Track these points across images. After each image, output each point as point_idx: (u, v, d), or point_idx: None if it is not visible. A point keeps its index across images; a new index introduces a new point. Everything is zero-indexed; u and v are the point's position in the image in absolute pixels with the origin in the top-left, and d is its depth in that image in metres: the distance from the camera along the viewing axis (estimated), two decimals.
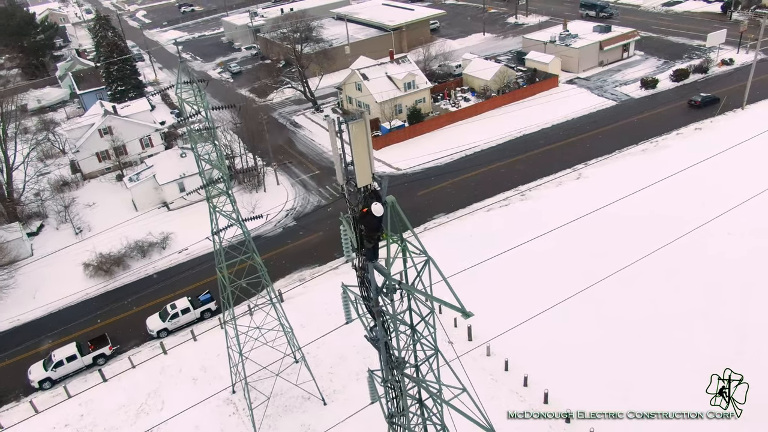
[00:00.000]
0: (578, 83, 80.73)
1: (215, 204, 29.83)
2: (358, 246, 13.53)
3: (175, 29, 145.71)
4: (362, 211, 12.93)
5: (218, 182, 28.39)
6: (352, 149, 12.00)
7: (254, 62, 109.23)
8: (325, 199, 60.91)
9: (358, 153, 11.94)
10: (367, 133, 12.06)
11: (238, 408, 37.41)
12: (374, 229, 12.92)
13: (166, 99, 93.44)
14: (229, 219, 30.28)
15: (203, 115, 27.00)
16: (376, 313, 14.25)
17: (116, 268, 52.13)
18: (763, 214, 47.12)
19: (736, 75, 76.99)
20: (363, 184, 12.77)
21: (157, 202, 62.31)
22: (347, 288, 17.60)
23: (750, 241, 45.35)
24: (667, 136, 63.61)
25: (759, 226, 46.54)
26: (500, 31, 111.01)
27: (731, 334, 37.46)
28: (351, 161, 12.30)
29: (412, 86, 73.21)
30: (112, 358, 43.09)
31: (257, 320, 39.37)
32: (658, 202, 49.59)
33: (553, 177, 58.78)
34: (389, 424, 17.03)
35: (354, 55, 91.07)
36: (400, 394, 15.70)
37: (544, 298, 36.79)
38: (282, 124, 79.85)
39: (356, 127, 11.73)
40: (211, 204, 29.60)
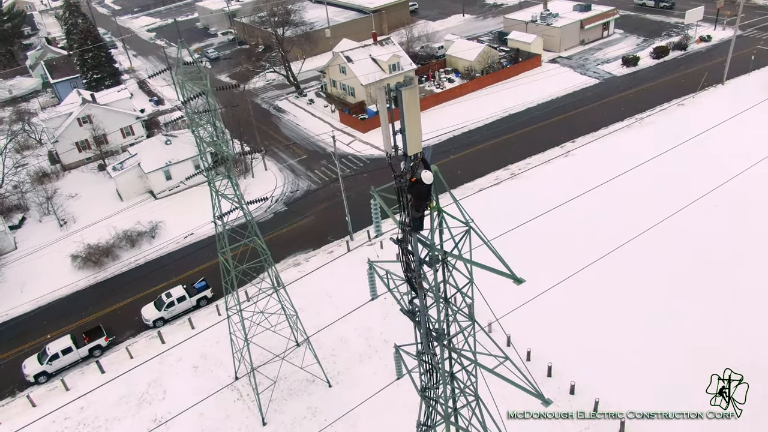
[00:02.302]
0: (561, 62, 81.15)
1: (217, 188, 29.32)
2: (406, 217, 13.37)
3: (147, 15, 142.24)
4: (411, 180, 12.77)
5: (224, 164, 27.86)
6: (404, 116, 11.81)
7: (232, 48, 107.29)
8: (314, 183, 60.45)
9: (409, 120, 11.77)
10: (417, 100, 11.88)
11: (242, 394, 37.20)
12: (424, 198, 12.80)
13: (144, 87, 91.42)
14: (231, 202, 29.82)
15: (207, 97, 26.38)
16: (418, 285, 14.18)
17: (105, 258, 51.15)
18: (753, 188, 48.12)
19: (714, 51, 78.18)
20: (413, 152, 12.60)
21: (142, 191, 61.17)
22: (373, 264, 17.48)
23: (739, 215, 46.37)
24: (651, 113, 64.45)
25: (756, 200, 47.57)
26: (479, 11, 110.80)
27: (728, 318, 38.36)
28: (399, 129, 12.10)
29: (396, 68, 72.77)
30: (108, 350, 42.41)
31: (255, 304, 39.03)
32: (649, 180, 50.26)
33: (541, 155, 59.19)
34: (422, 398, 17.07)
35: (335, 38, 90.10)
36: (435, 367, 15.72)
37: (543, 279, 36.94)
38: (265, 109, 78.80)
39: (409, 93, 11.55)
40: (213, 188, 29.08)
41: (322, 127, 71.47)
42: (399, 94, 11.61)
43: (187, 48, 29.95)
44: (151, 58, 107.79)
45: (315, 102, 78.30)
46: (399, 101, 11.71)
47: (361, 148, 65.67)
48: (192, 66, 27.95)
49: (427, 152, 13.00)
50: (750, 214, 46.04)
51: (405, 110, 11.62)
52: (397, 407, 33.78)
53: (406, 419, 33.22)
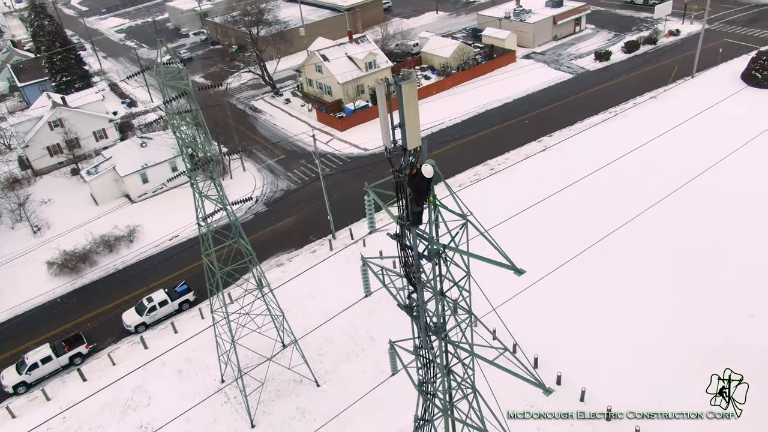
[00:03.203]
0: (535, 58, 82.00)
1: (201, 189, 28.93)
2: (404, 211, 13.35)
3: (116, 16, 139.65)
4: (411, 174, 12.75)
5: (208, 164, 27.48)
6: (403, 110, 11.78)
7: (204, 48, 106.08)
8: (294, 183, 60.08)
9: (408, 114, 11.75)
10: (415, 94, 11.87)
11: (230, 396, 36.83)
12: (423, 192, 12.80)
13: (116, 89, 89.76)
14: (215, 204, 29.46)
15: (189, 97, 25.99)
16: (417, 279, 14.18)
17: (83, 265, 50.11)
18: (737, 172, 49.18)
19: (683, 45, 79.83)
20: (413, 146, 12.58)
21: (118, 195, 60.06)
22: (366, 260, 17.44)
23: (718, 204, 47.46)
24: (624, 106, 65.52)
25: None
26: (453, 8, 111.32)
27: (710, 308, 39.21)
28: (398, 124, 12.06)
29: (373, 66, 72.69)
30: (89, 357, 41.60)
31: (241, 305, 38.63)
32: (627, 172, 51.05)
33: (519, 150, 59.75)
34: (420, 392, 17.10)
35: (309, 36, 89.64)
36: (433, 361, 15.76)
37: (527, 274, 37.12)
38: (241, 109, 78.01)
39: (408, 88, 11.53)
40: (197, 189, 28.69)
41: (299, 126, 71.07)
42: (398, 89, 11.60)
43: (167, 47, 29.41)
44: (121, 60, 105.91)
45: (291, 101, 77.80)
46: (398, 95, 11.69)
47: (340, 147, 65.48)
48: (172, 66, 27.44)
49: (423, 145, 12.99)
50: (725, 204, 47.13)
51: (404, 104, 11.61)
52: (385, 404, 33.84)
53: (395, 415, 33.35)
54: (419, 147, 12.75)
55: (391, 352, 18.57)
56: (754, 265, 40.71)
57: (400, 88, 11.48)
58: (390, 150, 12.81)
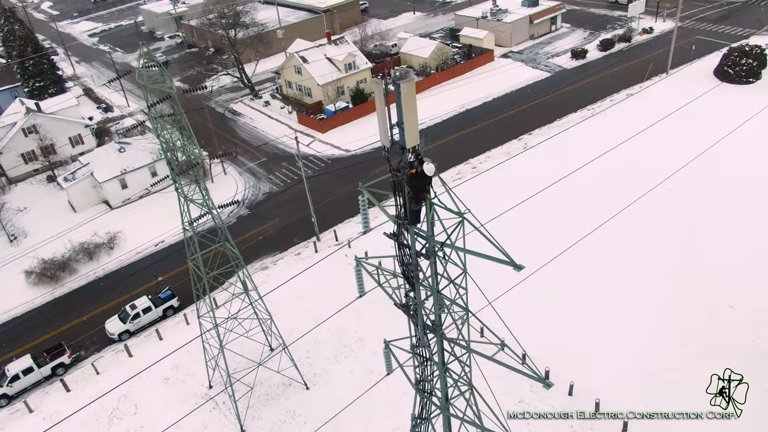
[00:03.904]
0: (512, 57, 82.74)
1: (186, 193, 28.60)
2: (403, 210, 13.35)
3: (88, 20, 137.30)
4: (412, 173, 12.77)
5: (193, 168, 27.19)
6: (402, 109, 11.79)
7: (180, 51, 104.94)
8: (276, 185, 59.74)
9: (407, 113, 11.76)
10: (414, 93, 11.89)
11: (218, 402, 36.44)
12: (423, 190, 12.82)
13: (90, 94, 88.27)
14: (201, 208, 29.15)
15: (173, 101, 25.69)
16: (415, 278, 14.20)
17: (62, 273, 49.20)
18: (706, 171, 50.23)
19: (656, 42, 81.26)
20: (412, 144, 12.60)
21: (97, 201, 59.09)
22: (360, 261, 17.42)
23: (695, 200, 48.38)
24: (602, 103, 66.47)
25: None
26: (430, 9, 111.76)
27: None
28: (396, 123, 12.07)
29: (352, 67, 72.65)
30: (72, 367, 40.84)
31: (228, 310, 38.31)
32: (608, 168, 51.66)
33: (500, 148, 60.24)
34: (417, 391, 17.12)
35: (287, 39, 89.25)
36: (431, 359, 15.79)
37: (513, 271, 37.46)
38: (220, 113, 77.30)
39: (407, 87, 11.54)
40: (182, 194, 28.36)
41: (279, 128, 70.70)
42: (397, 87, 11.62)
43: (148, 49, 29.06)
44: (95, 64, 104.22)
45: (271, 104, 77.34)
46: (396, 94, 11.70)
47: (321, 149, 65.29)
48: (154, 69, 27.10)
49: (420, 143, 13.01)
50: (703, 197, 48.07)
51: (403, 103, 11.63)
52: (376, 405, 33.82)
53: (386, 416, 33.38)
54: (418, 145, 12.78)
55: (386, 352, 18.57)
56: (733, 257, 41.58)
57: (398, 86, 11.51)
58: (387, 149, 12.81)
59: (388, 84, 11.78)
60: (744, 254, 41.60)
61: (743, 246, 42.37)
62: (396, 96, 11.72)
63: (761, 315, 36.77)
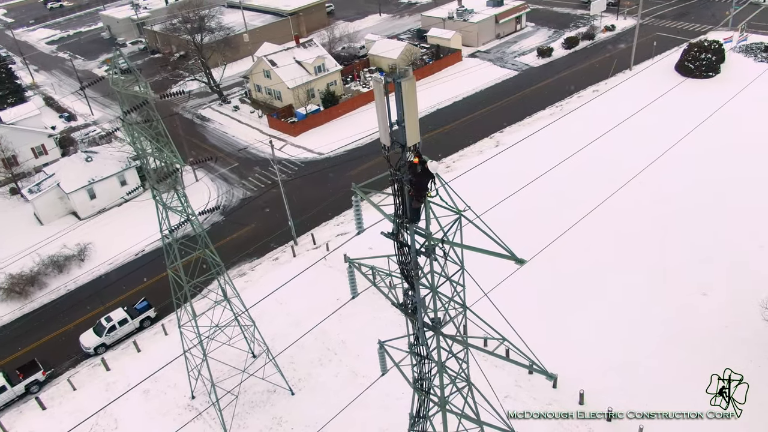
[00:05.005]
0: (480, 56, 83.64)
1: (164, 201, 28.07)
2: (403, 209, 13.35)
3: (45, 27, 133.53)
4: (415, 168, 12.74)
5: (171, 175, 26.69)
6: (403, 107, 11.79)
7: (144, 57, 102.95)
8: (250, 190, 59.09)
9: (408, 111, 11.77)
10: (414, 91, 11.91)
11: (202, 413, 35.80)
12: (426, 188, 12.86)
13: (52, 103, 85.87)
14: (180, 215, 28.64)
15: (149, 107, 25.18)
16: (415, 276, 14.22)
17: (31, 288, 47.72)
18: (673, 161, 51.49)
19: (619, 39, 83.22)
20: (413, 142, 12.61)
21: (64, 213, 57.50)
22: (352, 261, 17.37)
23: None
24: (570, 100, 67.72)
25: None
26: (395, 10, 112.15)
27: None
28: (396, 121, 12.05)
29: (322, 69, 72.40)
30: (47, 384, 39.62)
31: (210, 318, 37.70)
32: (578, 165, 52.37)
33: (473, 146, 60.83)
34: (415, 390, 17.14)
35: (254, 42, 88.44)
36: (430, 357, 15.83)
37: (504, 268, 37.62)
38: (188, 119, 76.10)
39: (408, 84, 11.55)
40: (160, 201, 27.82)
41: (250, 133, 69.97)
42: (397, 86, 11.62)
43: (121, 52, 28.46)
44: (55, 72, 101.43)
45: (240, 108, 76.49)
46: (396, 92, 11.70)
47: (294, 152, 64.84)
48: (130, 75, 26.54)
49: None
50: (673, 189, 49.39)
51: (404, 101, 11.64)
52: (362, 407, 33.55)
53: (374, 417, 33.32)
54: (418, 143, 12.81)
55: (381, 352, 18.54)
56: (704, 248, 42.82)
57: (399, 85, 11.52)
58: (387, 148, 12.81)
59: (389, 81, 11.75)
60: (713, 246, 42.90)
61: (713, 239, 43.70)
62: (396, 94, 11.73)
63: (733, 302, 37.98)
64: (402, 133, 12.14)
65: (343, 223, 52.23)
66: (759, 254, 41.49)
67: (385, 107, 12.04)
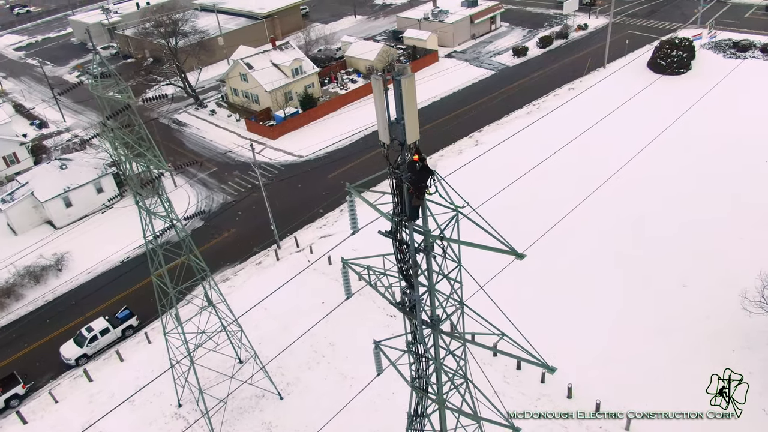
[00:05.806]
0: (456, 56, 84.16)
1: (148, 207, 27.63)
2: (402, 207, 13.32)
3: (12, 33, 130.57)
4: (418, 168, 12.73)
5: (154, 181, 26.27)
6: (403, 104, 11.77)
7: (116, 62, 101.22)
8: (230, 195, 58.50)
9: (408, 108, 11.76)
10: (414, 89, 11.90)
11: (189, 420, 35.31)
12: (426, 186, 12.86)
13: (22, 110, 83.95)
14: (164, 221, 28.21)
15: (131, 112, 24.75)
16: (414, 274, 14.21)
17: (7, 299, 46.53)
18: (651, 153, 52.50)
19: (592, 38, 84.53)
20: (412, 140, 12.60)
21: (39, 222, 56.23)
22: (347, 262, 17.30)
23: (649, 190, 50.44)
24: (546, 98, 68.52)
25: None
26: (370, 12, 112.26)
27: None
28: (396, 119, 12.02)
29: (299, 72, 72.08)
30: (27, 397, 38.64)
31: (196, 325, 37.21)
32: (558, 163, 53.03)
33: (453, 146, 61.13)
34: (413, 388, 17.12)
35: (229, 46, 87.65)
36: (429, 355, 15.83)
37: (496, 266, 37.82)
38: (164, 124, 75.06)
39: (407, 82, 11.54)
40: (144, 207, 27.37)
41: (228, 137, 69.33)
42: (397, 83, 11.61)
43: (101, 55, 27.93)
44: (24, 79, 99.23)
45: (217, 112, 75.73)
46: (395, 90, 11.68)
47: (273, 155, 64.43)
48: (110, 78, 26.07)
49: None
50: (652, 183, 50.25)
51: (404, 99, 11.63)
52: (352, 409, 33.44)
53: (363, 419, 33.21)
54: (417, 141, 12.82)
55: (376, 352, 18.49)
56: (683, 239, 43.70)
57: (399, 83, 11.51)
58: (387, 146, 12.78)
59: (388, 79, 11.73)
60: (693, 237, 43.78)
61: (692, 230, 44.58)
62: (395, 92, 11.72)
63: (713, 292, 38.80)
64: (401, 131, 12.14)
65: (326, 225, 52.03)
66: (738, 245, 42.42)
67: (384, 105, 12.03)
